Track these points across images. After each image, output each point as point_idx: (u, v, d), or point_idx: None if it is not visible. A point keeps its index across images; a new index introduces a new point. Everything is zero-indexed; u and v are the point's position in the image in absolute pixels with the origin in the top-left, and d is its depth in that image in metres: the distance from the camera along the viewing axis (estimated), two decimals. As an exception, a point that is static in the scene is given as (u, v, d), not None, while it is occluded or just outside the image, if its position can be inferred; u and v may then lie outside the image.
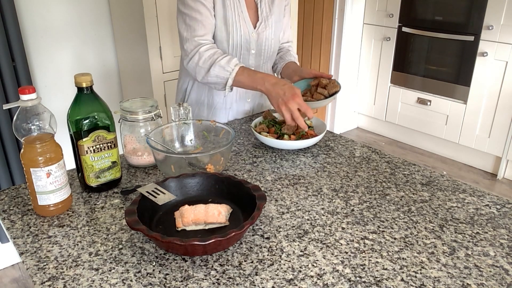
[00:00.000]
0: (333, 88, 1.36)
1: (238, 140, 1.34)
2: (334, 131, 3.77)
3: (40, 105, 0.91)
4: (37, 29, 2.17)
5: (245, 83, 1.30)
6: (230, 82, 1.31)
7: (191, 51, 1.34)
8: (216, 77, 1.32)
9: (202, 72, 1.34)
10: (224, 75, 1.31)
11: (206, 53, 1.32)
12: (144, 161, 1.15)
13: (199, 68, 1.34)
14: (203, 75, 1.34)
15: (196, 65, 1.34)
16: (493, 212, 0.96)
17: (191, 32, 1.34)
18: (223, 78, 1.32)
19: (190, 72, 1.40)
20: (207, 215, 0.87)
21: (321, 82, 1.39)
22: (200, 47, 1.33)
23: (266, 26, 1.46)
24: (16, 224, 0.92)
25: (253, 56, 1.48)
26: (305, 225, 0.91)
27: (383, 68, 3.52)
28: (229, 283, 0.74)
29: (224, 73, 1.31)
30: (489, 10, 2.80)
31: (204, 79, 1.35)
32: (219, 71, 1.31)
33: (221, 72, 1.31)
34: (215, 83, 1.35)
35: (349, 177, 1.11)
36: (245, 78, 1.29)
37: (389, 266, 0.79)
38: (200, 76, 1.36)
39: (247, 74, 1.29)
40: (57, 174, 0.92)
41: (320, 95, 1.36)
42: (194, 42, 1.34)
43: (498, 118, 2.92)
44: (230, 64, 1.30)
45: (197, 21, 1.34)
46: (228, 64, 1.30)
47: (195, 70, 1.36)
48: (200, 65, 1.33)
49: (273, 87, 1.23)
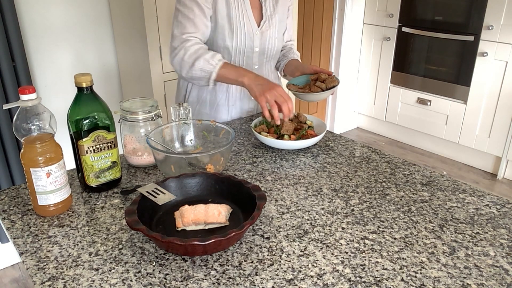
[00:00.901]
0: (331, 82, 1.38)
1: (238, 140, 1.34)
2: (334, 131, 3.77)
3: (40, 105, 0.91)
4: (37, 29, 2.17)
5: (228, 76, 1.32)
6: (214, 75, 1.33)
7: (177, 47, 1.36)
8: (200, 71, 1.34)
9: (187, 66, 1.35)
10: (208, 68, 1.33)
11: (192, 48, 1.34)
12: (144, 161, 1.15)
13: (184, 63, 1.35)
14: (188, 69, 1.36)
15: (182, 60, 1.35)
16: (493, 212, 0.96)
17: (181, 29, 1.36)
18: (207, 72, 1.34)
19: (175, 68, 1.41)
20: (207, 215, 0.87)
21: (320, 76, 1.42)
22: (186, 42, 1.35)
23: (270, 25, 1.47)
24: (16, 224, 0.92)
25: (256, 55, 1.49)
26: (305, 225, 0.91)
27: (383, 68, 3.52)
28: (229, 283, 0.74)
29: (208, 67, 1.33)
30: (489, 10, 2.80)
31: (189, 73, 1.36)
32: (204, 65, 1.33)
33: (206, 66, 1.33)
34: (199, 78, 1.36)
35: (349, 177, 1.11)
36: (228, 71, 1.32)
37: (389, 266, 0.79)
38: (184, 71, 1.37)
39: (230, 68, 1.33)
40: (57, 174, 0.92)
41: (317, 88, 1.38)
42: (181, 38, 1.36)
43: (498, 118, 2.92)
44: (214, 58, 1.33)
45: (189, 20, 1.36)
46: (213, 58, 1.33)
47: (180, 64, 1.37)
48: (185, 59, 1.35)
49: (255, 78, 1.28)
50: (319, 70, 1.45)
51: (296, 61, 1.58)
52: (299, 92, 1.40)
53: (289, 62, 1.58)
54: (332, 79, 1.39)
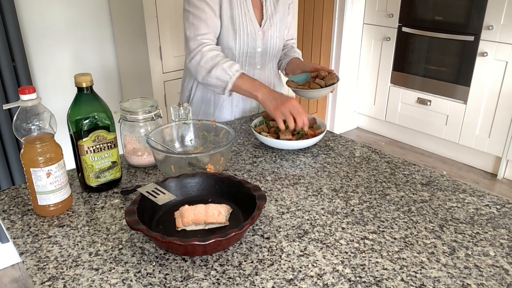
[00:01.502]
0: (331, 79, 1.38)
1: (238, 140, 1.34)
2: (334, 131, 3.77)
3: (40, 105, 0.91)
4: (37, 29, 2.17)
5: (243, 88, 1.31)
6: (229, 86, 1.33)
7: (194, 50, 1.35)
8: (216, 79, 1.33)
9: (203, 72, 1.35)
10: (225, 78, 1.32)
11: (209, 53, 1.34)
12: (144, 161, 1.15)
13: (200, 68, 1.35)
14: (204, 75, 1.35)
15: (198, 65, 1.35)
16: (493, 212, 0.96)
17: (194, 31, 1.36)
18: (223, 81, 1.33)
19: (191, 71, 1.41)
20: (207, 215, 0.87)
21: (320, 74, 1.43)
22: (203, 46, 1.34)
23: (271, 24, 1.48)
24: (16, 224, 0.92)
25: (259, 54, 1.49)
26: (305, 225, 0.91)
27: (383, 68, 3.52)
28: (229, 283, 0.74)
29: (225, 76, 1.32)
30: (489, 10, 2.80)
31: (205, 79, 1.36)
32: (221, 74, 1.32)
33: (222, 75, 1.32)
34: (215, 85, 1.36)
35: (349, 177, 1.11)
36: (244, 83, 1.31)
37: (389, 266, 0.79)
38: (200, 76, 1.37)
39: (246, 80, 1.32)
40: (57, 174, 0.92)
41: (316, 85, 1.39)
42: (197, 41, 1.35)
43: (498, 118, 2.92)
44: (232, 68, 1.32)
45: (201, 20, 1.35)
46: (230, 68, 1.32)
47: (196, 69, 1.37)
48: (202, 65, 1.34)
49: (270, 93, 1.27)
50: (319, 67, 1.46)
51: (297, 59, 1.59)
52: (298, 88, 1.40)
53: (291, 60, 1.59)
54: (332, 76, 1.40)
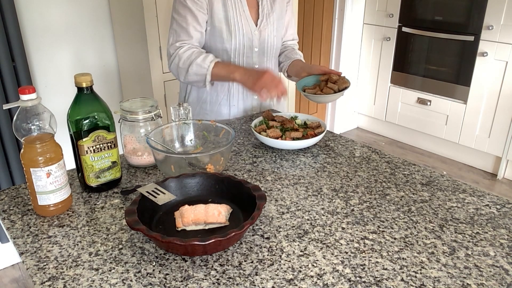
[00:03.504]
0: (343, 84, 1.36)
1: (238, 140, 1.34)
2: (334, 131, 3.77)
3: (40, 105, 0.91)
4: (37, 29, 2.17)
5: (220, 75, 1.37)
6: (208, 77, 1.38)
7: (172, 54, 1.41)
8: (195, 75, 1.39)
9: (183, 72, 1.40)
10: (202, 72, 1.37)
11: (185, 54, 1.39)
12: (144, 161, 1.15)
13: (180, 70, 1.41)
14: (184, 75, 1.41)
15: (177, 67, 1.41)
16: (493, 212, 0.96)
17: (176, 37, 1.41)
18: (201, 75, 1.38)
19: (174, 75, 1.46)
20: (207, 215, 0.87)
21: (331, 77, 1.40)
22: (179, 49, 1.39)
23: (267, 23, 1.47)
24: (16, 224, 0.92)
25: (256, 54, 1.49)
26: (305, 225, 0.91)
27: (383, 68, 3.52)
28: (229, 283, 0.74)
29: (202, 70, 1.37)
30: (489, 10, 2.80)
31: (186, 79, 1.42)
32: (197, 69, 1.37)
33: (199, 70, 1.37)
34: (196, 81, 1.41)
35: (349, 177, 1.11)
36: (220, 70, 1.37)
37: (389, 266, 0.79)
38: (182, 77, 1.42)
39: (221, 67, 1.38)
40: (57, 174, 0.92)
41: (329, 89, 1.37)
42: (175, 46, 1.40)
43: (498, 118, 2.92)
44: (206, 61, 1.37)
45: (182, 28, 1.40)
46: (204, 61, 1.37)
47: (177, 71, 1.42)
48: (180, 66, 1.39)
49: (245, 71, 1.34)
50: (328, 71, 1.44)
51: (300, 61, 1.57)
52: (310, 93, 1.38)
53: (293, 62, 1.57)
54: (344, 80, 1.37)
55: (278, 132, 1.26)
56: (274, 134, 1.25)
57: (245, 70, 1.35)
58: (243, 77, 1.33)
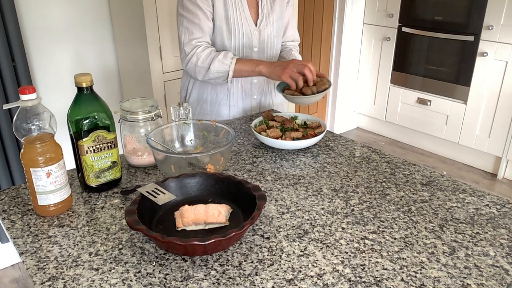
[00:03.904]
0: (322, 85, 1.36)
1: (238, 140, 1.34)
2: (334, 131, 3.77)
3: (40, 105, 0.91)
4: (37, 29, 2.17)
5: (244, 69, 1.40)
6: (231, 73, 1.40)
7: (189, 54, 1.41)
8: (217, 73, 1.40)
9: (203, 71, 1.41)
10: (224, 68, 1.39)
11: (203, 53, 1.39)
12: (144, 161, 1.15)
13: (198, 68, 1.41)
14: (204, 73, 1.42)
15: (196, 66, 1.41)
16: (493, 212, 0.96)
17: (189, 35, 1.40)
18: (224, 72, 1.40)
19: (190, 73, 1.46)
20: (207, 215, 0.87)
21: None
22: (197, 48, 1.40)
23: (267, 23, 1.48)
24: (16, 224, 0.92)
25: (256, 54, 1.49)
26: (305, 225, 0.91)
27: (383, 68, 3.52)
28: (229, 283, 0.74)
29: (224, 67, 1.39)
30: (489, 10, 2.80)
31: (206, 76, 1.42)
32: (219, 66, 1.39)
33: (221, 67, 1.39)
34: (217, 78, 1.43)
35: (349, 177, 1.11)
36: (243, 66, 1.39)
37: (389, 266, 0.79)
38: (200, 75, 1.43)
39: (244, 63, 1.40)
40: (57, 174, 0.92)
41: (308, 89, 1.36)
42: (191, 45, 1.40)
43: (498, 118, 2.92)
44: (227, 57, 1.39)
45: (195, 25, 1.39)
46: (226, 58, 1.39)
47: (194, 70, 1.42)
48: (199, 65, 1.40)
49: (269, 66, 1.37)
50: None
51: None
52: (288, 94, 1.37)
53: None
54: (323, 82, 1.36)
55: (278, 132, 1.26)
56: (274, 134, 1.25)
57: (270, 63, 1.38)
58: (268, 68, 1.36)
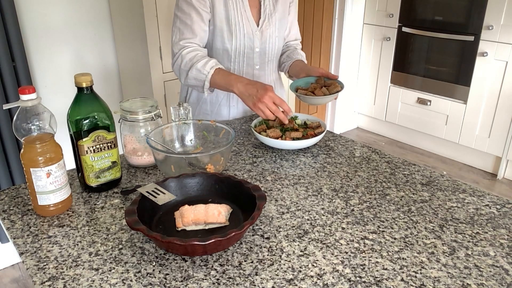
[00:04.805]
0: (335, 88, 1.37)
1: (238, 140, 1.34)
2: (334, 131, 3.77)
3: (40, 105, 0.91)
4: (37, 29, 2.17)
5: (219, 84, 1.32)
6: (207, 84, 1.34)
7: (176, 54, 1.38)
8: (194, 80, 1.36)
9: (184, 74, 1.37)
10: (201, 77, 1.34)
11: (187, 56, 1.35)
12: (144, 161, 1.15)
13: (181, 71, 1.38)
14: (184, 77, 1.38)
15: (179, 68, 1.38)
16: (493, 212, 0.96)
17: (179, 35, 1.38)
18: (200, 81, 1.35)
19: (175, 74, 1.43)
20: (207, 215, 0.87)
21: (321, 80, 1.42)
22: (184, 49, 1.36)
23: (269, 23, 1.47)
24: (16, 224, 0.92)
25: (257, 55, 1.48)
26: (305, 225, 0.91)
27: (383, 68, 3.52)
28: (229, 283, 0.74)
29: (201, 76, 1.33)
30: (489, 10, 2.80)
31: (186, 81, 1.39)
32: (196, 74, 1.34)
33: (198, 75, 1.34)
34: (195, 85, 1.38)
35: (349, 177, 1.11)
36: (219, 79, 1.31)
37: (389, 266, 0.79)
38: (182, 79, 1.40)
39: (221, 76, 1.31)
40: (57, 174, 0.92)
41: (321, 92, 1.37)
42: (179, 45, 1.37)
43: (498, 118, 2.92)
44: (206, 67, 1.32)
45: (186, 26, 1.37)
46: (204, 67, 1.32)
47: (178, 72, 1.40)
48: (182, 67, 1.37)
49: (245, 88, 1.25)
50: (325, 73, 1.43)
51: (301, 62, 1.56)
52: (301, 94, 1.38)
53: (294, 63, 1.56)
54: (335, 85, 1.38)
55: (278, 132, 1.26)
56: (274, 134, 1.25)
57: (245, 86, 1.25)
58: (242, 94, 1.26)
